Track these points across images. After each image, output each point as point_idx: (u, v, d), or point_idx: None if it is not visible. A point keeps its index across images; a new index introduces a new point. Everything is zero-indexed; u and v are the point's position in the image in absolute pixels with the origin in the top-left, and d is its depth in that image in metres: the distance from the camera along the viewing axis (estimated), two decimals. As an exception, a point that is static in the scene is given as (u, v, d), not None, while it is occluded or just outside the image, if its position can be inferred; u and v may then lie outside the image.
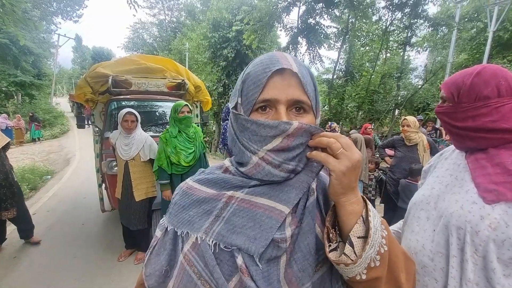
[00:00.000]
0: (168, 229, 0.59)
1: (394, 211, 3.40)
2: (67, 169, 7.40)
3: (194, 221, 0.55)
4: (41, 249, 3.14)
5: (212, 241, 0.51)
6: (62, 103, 25.53)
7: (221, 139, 3.92)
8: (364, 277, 0.45)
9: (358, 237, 0.46)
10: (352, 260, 0.44)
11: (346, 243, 0.46)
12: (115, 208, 3.20)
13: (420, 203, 0.90)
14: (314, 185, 0.54)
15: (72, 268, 2.77)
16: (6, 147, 3.03)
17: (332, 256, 0.47)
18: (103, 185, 3.46)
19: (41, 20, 16.61)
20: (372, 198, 4.01)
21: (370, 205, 0.49)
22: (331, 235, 0.49)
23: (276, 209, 0.49)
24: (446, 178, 0.87)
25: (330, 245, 0.49)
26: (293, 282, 0.48)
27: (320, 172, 0.55)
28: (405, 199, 3.14)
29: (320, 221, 0.53)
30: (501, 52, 12.25)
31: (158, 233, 0.62)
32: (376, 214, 0.49)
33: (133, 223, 2.73)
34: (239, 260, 0.48)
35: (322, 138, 0.48)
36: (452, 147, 0.97)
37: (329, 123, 4.72)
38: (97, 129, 3.57)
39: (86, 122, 3.79)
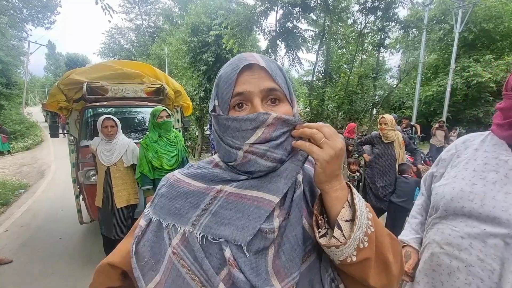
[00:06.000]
0: (153, 220, 0.58)
1: (376, 208, 3.53)
2: (41, 181, 7.03)
3: (181, 213, 0.55)
4: (13, 268, 2.95)
5: (200, 234, 0.51)
6: (35, 113, 24.27)
7: (212, 141, 3.90)
8: (354, 259, 0.47)
9: (346, 221, 0.48)
10: (341, 242, 0.46)
11: (335, 227, 0.48)
12: (94, 219, 3.08)
13: (459, 199, 0.85)
14: (300, 178, 0.55)
15: (49, 285, 2.63)
16: None
17: (322, 241, 0.48)
18: (81, 196, 3.33)
19: (10, 27, 15.77)
20: None
21: (354, 190, 0.51)
22: (319, 221, 0.51)
23: (265, 199, 0.50)
24: (490, 175, 0.82)
25: (319, 231, 0.50)
26: (281, 273, 0.49)
27: (305, 165, 0.56)
28: (399, 195, 3.28)
29: (306, 213, 0.54)
30: (467, 52, 13.03)
31: (142, 223, 0.61)
32: (360, 198, 0.51)
33: (114, 232, 2.64)
34: (227, 252, 0.48)
35: (305, 129, 0.49)
36: (474, 135, 0.95)
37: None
38: (72, 138, 3.44)
39: (60, 131, 3.63)
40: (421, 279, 0.94)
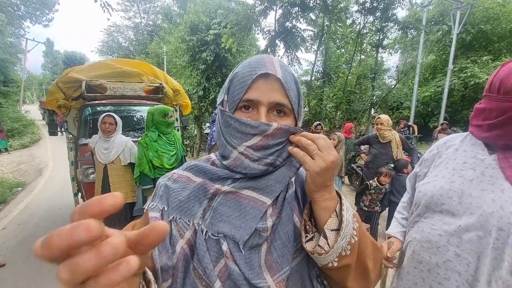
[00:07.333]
0: (166, 209, 0.58)
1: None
2: (39, 179, 7.01)
3: (186, 207, 0.56)
4: (10, 267, 2.94)
5: (204, 229, 0.54)
6: (32, 111, 24.18)
7: (208, 140, 3.92)
8: (335, 264, 0.50)
9: (332, 230, 0.51)
10: (325, 251, 0.49)
11: (321, 236, 0.50)
12: (93, 217, 3.09)
13: (440, 196, 0.88)
14: (292, 179, 0.58)
15: (46, 283, 2.62)
16: None
17: (308, 246, 0.52)
18: (79, 194, 3.34)
19: (7, 25, 15.67)
20: (378, 210, 3.33)
21: (344, 200, 0.54)
22: (307, 226, 0.54)
23: (259, 200, 0.53)
24: (468, 173, 0.85)
25: (306, 236, 0.53)
26: (273, 267, 0.52)
27: None
28: (397, 194, 3.27)
29: (298, 211, 0.57)
30: (465, 53, 13.10)
31: (156, 214, 0.59)
32: (349, 208, 0.53)
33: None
34: (224, 246, 0.52)
35: (302, 139, 0.51)
36: (455, 136, 0.98)
37: (317, 123, 4.88)
38: (71, 136, 3.44)
39: (59, 129, 3.63)
40: (404, 276, 0.98)
